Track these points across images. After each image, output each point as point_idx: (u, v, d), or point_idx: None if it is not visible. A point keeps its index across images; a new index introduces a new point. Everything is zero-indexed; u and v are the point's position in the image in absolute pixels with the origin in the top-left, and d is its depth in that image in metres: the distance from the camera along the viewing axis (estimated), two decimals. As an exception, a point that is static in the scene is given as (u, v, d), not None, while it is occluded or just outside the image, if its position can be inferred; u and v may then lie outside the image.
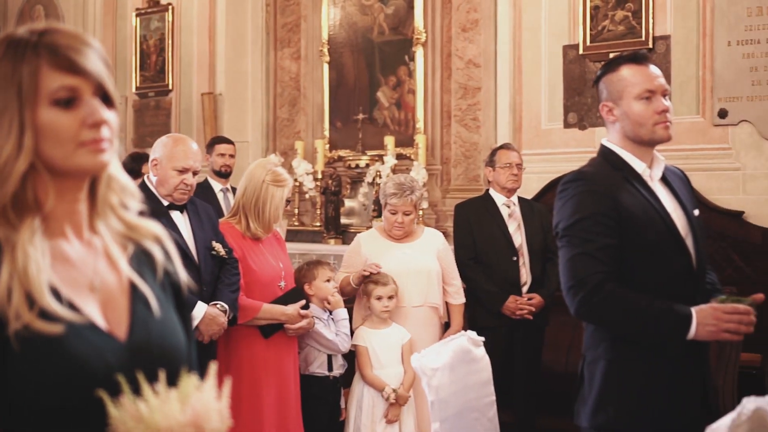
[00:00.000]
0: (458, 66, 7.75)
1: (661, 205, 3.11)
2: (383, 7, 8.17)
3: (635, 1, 6.85)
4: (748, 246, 6.37)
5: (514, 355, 5.71)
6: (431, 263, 5.33)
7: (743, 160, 6.48)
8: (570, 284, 3.02)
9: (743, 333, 2.98)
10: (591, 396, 3.12)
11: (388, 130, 8.09)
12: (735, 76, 6.48)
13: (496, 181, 5.79)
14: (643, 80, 3.16)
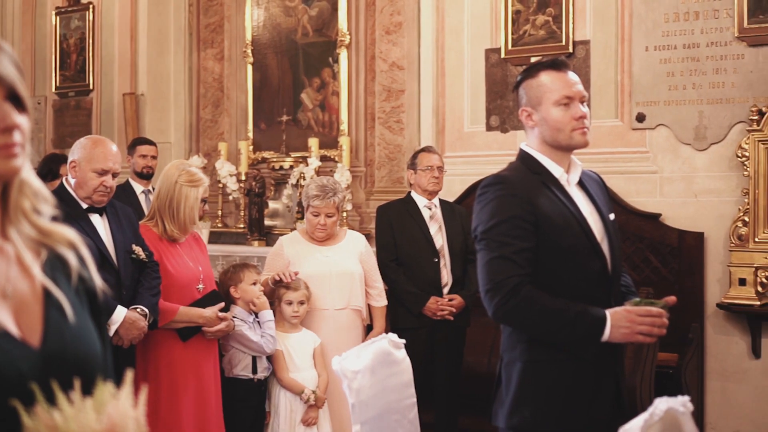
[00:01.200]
0: (382, 68, 7.77)
1: (578, 210, 3.16)
2: (307, 9, 8.16)
3: (556, 6, 6.94)
4: (665, 248, 6.50)
5: (435, 355, 5.76)
6: (354, 266, 5.36)
7: (660, 164, 6.60)
8: (487, 287, 3.06)
9: (656, 335, 3.04)
10: (508, 397, 3.16)
11: (312, 132, 8.08)
12: (652, 81, 6.61)
13: (417, 184, 5.84)
14: (561, 86, 3.21)
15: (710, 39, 6.43)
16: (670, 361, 6.12)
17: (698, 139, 6.47)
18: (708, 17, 6.44)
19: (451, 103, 7.43)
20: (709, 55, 6.43)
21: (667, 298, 3.14)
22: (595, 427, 3.11)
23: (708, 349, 6.41)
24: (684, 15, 6.52)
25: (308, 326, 5.22)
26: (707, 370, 6.42)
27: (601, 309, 3.03)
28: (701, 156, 6.46)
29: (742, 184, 6.22)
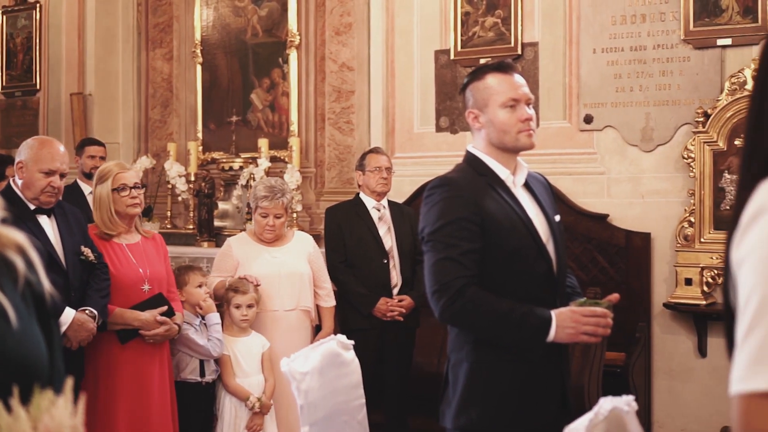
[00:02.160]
0: (332, 69, 7.76)
1: (524, 211, 3.19)
2: (257, 9, 8.13)
3: (504, 8, 6.97)
4: (612, 248, 6.56)
5: (385, 356, 5.77)
6: (302, 267, 5.36)
7: (608, 165, 6.66)
8: (434, 289, 3.07)
9: (601, 335, 3.08)
10: (455, 398, 3.18)
11: (262, 133, 8.05)
12: (600, 83, 6.67)
13: (366, 185, 5.85)
14: (507, 89, 3.23)
15: (657, 41, 6.50)
16: (618, 360, 6.17)
17: (645, 140, 6.53)
18: (654, 20, 6.51)
19: (400, 104, 7.44)
20: (655, 58, 6.50)
21: (610, 297, 3.17)
22: (541, 427, 3.14)
23: (655, 348, 6.48)
24: (631, 18, 6.59)
25: (257, 328, 5.20)
26: (654, 369, 6.49)
27: (547, 310, 3.06)
28: (648, 157, 6.53)
29: (688, 185, 6.30)
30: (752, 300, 1.60)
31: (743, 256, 1.65)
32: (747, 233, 1.65)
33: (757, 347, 1.57)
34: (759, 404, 1.55)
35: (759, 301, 1.59)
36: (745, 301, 1.62)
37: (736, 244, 1.67)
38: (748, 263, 1.63)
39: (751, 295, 1.60)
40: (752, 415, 1.55)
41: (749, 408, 1.56)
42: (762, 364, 1.56)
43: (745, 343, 1.59)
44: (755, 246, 1.63)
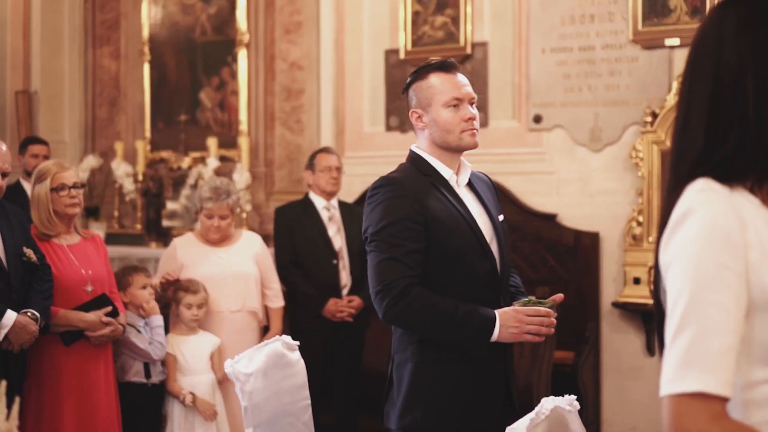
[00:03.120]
0: (282, 68, 7.72)
1: (467, 211, 3.19)
2: (206, 7, 8.06)
3: (454, 7, 6.97)
4: (562, 247, 6.58)
5: (334, 357, 5.76)
6: (249, 267, 5.32)
7: (557, 165, 6.68)
8: (377, 289, 3.06)
9: (545, 334, 3.08)
10: (399, 398, 3.18)
11: (211, 132, 7.99)
12: (549, 83, 6.68)
13: (315, 185, 5.82)
14: (450, 88, 3.23)
15: (605, 42, 6.53)
16: (567, 359, 6.20)
17: (593, 140, 6.56)
18: (603, 20, 6.54)
19: (350, 104, 7.42)
20: (604, 58, 6.53)
21: (554, 297, 3.18)
22: (486, 426, 3.14)
23: (604, 347, 6.51)
24: (580, 18, 6.61)
25: (203, 329, 5.16)
26: (603, 368, 6.52)
27: (491, 309, 3.07)
28: (596, 157, 6.56)
29: (636, 184, 6.34)
30: (680, 302, 1.62)
31: (671, 257, 1.67)
32: (674, 235, 1.67)
33: (685, 349, 1.59)
34: (688, 405, 1.57)
35: (687, 303, 1.61)
36: (673, 303, 1.63)
37: (664, 245, 1.69)
38: (676, 265, 1.65)
39: (679, 297, 1.62)
40: (682, 416, 1.58)
41: (679, 409, 1.58)
42: (691, 365, 1.58)
43: (673, 344, 1.60)
44: (682, 248, 1.65)
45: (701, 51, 1.77)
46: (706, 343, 1.57)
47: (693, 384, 1.57)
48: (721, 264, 1.61)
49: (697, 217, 1.64)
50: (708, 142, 1.72)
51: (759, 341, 1.65)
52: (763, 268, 1.64)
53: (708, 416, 1.56)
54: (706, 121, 1.73)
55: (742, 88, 1.70)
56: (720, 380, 1.56)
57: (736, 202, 1.68)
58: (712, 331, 1.58)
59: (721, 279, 1.60)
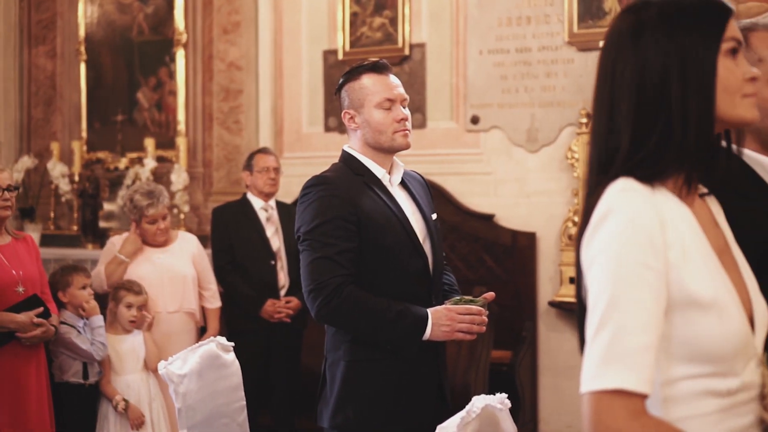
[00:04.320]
0: (220, 68, 7.68)
1: (400, 209, 3.21)
2: (143, 7, 7.98)
3: (392, 8, 6.99)
4: (499, 247, 6.62)
5: (272, 358, 5.75)
6: (186, 268, 5.30)
7: (494, 165, 6.72)
8: (310, 288, 3.07)
9: (476, 332, 3.11)
10: (332, 397, 3.19)
11: (148, 132, 7.91)
12: (486, 84, 6.73)
13: (253, 185, 5.81)
14: (383, 89, 3.25)
15: (542, 43, 6.59)
16: (504, 358, 6.25)
17: (530, 141, 6.62)
18: (540, 22, 6.60)
19: (289, 104, 7.40)
20: (540, 60, 6.59)
21: (485, 295, 3.21)
22: (418, 425, 3.15)
23: (541, 346, 6.57)
24: (517, 20, 6.66)
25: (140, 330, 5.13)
26: (540, 367, 6.57)
27: (423, 308, 3.08)
28: (533, 158, 6.61)
29: (572, 185, 6.40)
30: (601, 300, 1.64)
31: (592, 256, 1.69)
32: (596, 234, 1.69)
33: (605, 346, 1.61)
34: (608, 402, 1.59)
35: (607, 301, 1.63)
36: (594, 301, 1.66)
37: (586, 244, 1.71)
38: (597, 263, 1.67)
39: (600, 295, 1.64)
40: (602, 413, 1.59)
41: (599, 406, 1.60)
42: (611, 362, 1.60)
43: (594, 342, 1.62)
44: (603, 247, 1.67)
45: (613, 54, 1.80)
46: (625, 340, 1.60)
47: (612, 381, 1.59)
48: (642, 263, 1.63)
49: (618, 216, 1.67)
50: (628, 142, 1.74)
51: (678, 339, 1.68)
52: (683, 267, 1.67)
53: (627, 413, 1.58)
54: (626, 122, 1.75)
55: (662, 88, 1.73)
56: (639, 377, 1.59)
57: (657, 201, 1.70)
58: (631, 328, 1.60)
59: (641, 277, 1.63)
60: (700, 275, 1.69)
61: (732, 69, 1.76)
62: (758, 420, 1.72)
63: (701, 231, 1.76)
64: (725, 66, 1.75)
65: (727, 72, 1.75)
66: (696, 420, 1.70)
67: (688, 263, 1.68)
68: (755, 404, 1.73)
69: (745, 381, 1.72)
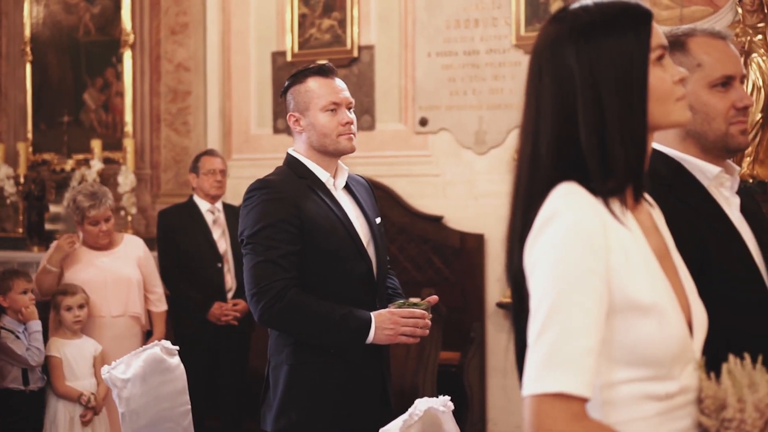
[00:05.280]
0: (168, 69, 7.63)
1: (344, 213, 3.22)
2: (89, 7, 7.90)
3: (341, 10, 6.99)
4: (448, 249, 6.65)
5: (220, 361, 5.72)
6: (131, 271, 5.27)
7: (443, 167, 6.74)
8: (253, 291, 3.07)
9: (420, 336, 3.12)
10: (275, 400, 3.20)
11: (95, 133, 7.83)
12: (435, 86, 6.75)
13: (200, 188, 5.78)
14: (328, 93, 3.26)
15: (489, 46, 6.63)
16: (453, 360, 6.27)
17: (478, 143, 6.65)
18: (487, 25, 6.63)
19: (237, 106, 7.38)
20: (488, 62, 6.62)
21: (429, 298, 3.23)
22: (362, 428, 3.16)
23: (489, 347, 6.59)
24: (465, 22, 6.69)
25: (85, 334, 5.08)
26: (488, 368, 6.60)
27: (366, 311, 3.09)
28: (481, 160, 6.64)
29: (520, 187, 6.42)
30: (544, 303, 1.64)
31: (536, 259, 1.69)
32: (539, 238, 1.69)
33: (547, 350, 1.61)
34: (549, 405, 1.60)
35: (550, 305, 1.63)
36: (537, 305, 1.66)
37: (529, 248, 1.71)
38: (540, 267, 1.67)
39: (543, 298, 1.65)
40: (543, 416, 1.60)
41: (540, 409, 1.60)
42: (552, 366, 1.60)
43: (536, 345, 1.63)
44: (547, 250, 1.67)
45: (542, 63, 1.80)
46: (567, 344, 1.60)
47: (554, 384, 1.59)
48: (585, 266, 1.64)
49: (562, 219, 1.67)
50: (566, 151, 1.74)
51: (619, 343, 1.69)
52: (624, 271, 1.68)
53: (568, 416, 1.59)
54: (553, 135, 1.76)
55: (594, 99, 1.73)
56: (580, 381, 1.59)
57: (600, 205, 1.71)
58: (573, 332, 1.61)
59: (583, 281, 1.64)
60: (641, 279, 1.70)
61: (662, 77, 1.77)
62: (695, 423, 1.74)
63: (643, 235, 1.78)
64: (655, 75, 1.76)
65: (658, 81, 1.76)
66: (635, 423, 1.71)
67: (630, 267, 1.69)
68: (692, 407, 1.75)
69: (683, 385, 1.74)
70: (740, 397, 1.68)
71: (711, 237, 2.26)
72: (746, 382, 1.71)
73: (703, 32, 2.40)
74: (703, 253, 2.21)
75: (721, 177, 2.37)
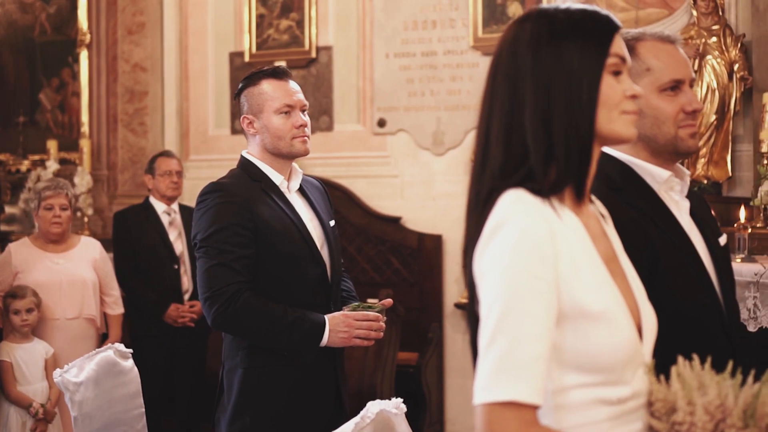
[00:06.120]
0: (124, 69, 7.57)
1: (298, 216, 3.22)
2: (45, 6, 7.83)
3: (299, 10, 6.97)
4: (406, 250, 6.66)
5: (176, 363, 5.70)
6: (87, 273, 5.22)
7: (401, 168, 6.75)
8: (206, 295, 3.06)
9: (374, 338, 3.13)
10: (229, 404, 3.19)
11: (51, 134, 7.76)
12: (393, 87, 6.76)
13: (156, 189, 5.76)
14: (282, 95, 3.26)
15: (447, 47, 6.64)
16: (411, 360, 6.28)
17: (436, 144, 6.66)
18: (445, 26, 6.65)
19: (195, 106, 7.34)
20: (446, 63, 6.64)
21: (384, 301, 3.24)
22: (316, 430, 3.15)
23: (447, 347, 6.61)
24: (422, 23, 6.71)
25: (39, 337, 5.03)
26: (447, 368, 6.62)
27: (321, 314, 3.09)
28: (439, 161, 6.66)
29: (477, 188, 6.45)
30: (493, 311, 1.64)
31: (485, 267, 1.69)
32: (489, 245, 1.69)
33: (498, 358, 1.61)
34: (500, 413, 1.60)
35: (499, 312, 1.63)
36: (487, 312, 1.66)
37: (479, 256, 1.71)
38: (490, 275, 1.67)
39: (492, 306, 1.65)
40: (494, 424, 1.60)
41: (491, 417, 1.60)
42: (503, 374, 1.60)
43: (486, 353, 1.63)
44: (496, 258, 1.67)
45: (500, 64, 1.81)
46: (517, 351, 1.60)
47: (504, 392, 1.59)
48: (533, 274, 1.65)
49: (510, 228, 1.67)
50: (514, 154, 1.75)
51: (569, 349, 1.70)
52: (573, 278, 1.69)
53: (519, 423, 1.59)
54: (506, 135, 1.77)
55: (547, 101, 1.74)
56: (530, 388, 1.60)
57: (548, 212, 1.72)
58: (523, 339, 1.61)
59: (532, 288, 1.64)
60: (589, 286, 1.71)
61: (613, 85, 1.79)
62: (646, 427, 1.75)
63: (590, 241, 1.79)
64: (607, 82, 1.77)
65: (608, 88, 1.77)
66: (587, 428, 1.72)
67: (578, 274, 1.70)
68: (644, 411, 1.76)
69: (635, 389, 1.75)
70: (690, 400, 1.69)
71: (660, 241, 2.27)
72: (695, 384, 1.71)
73: (652, 36, 2.42)
74: (653, 257, 2.22)
75: (671, 181, 2.39)
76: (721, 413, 1.68)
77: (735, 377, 1.72)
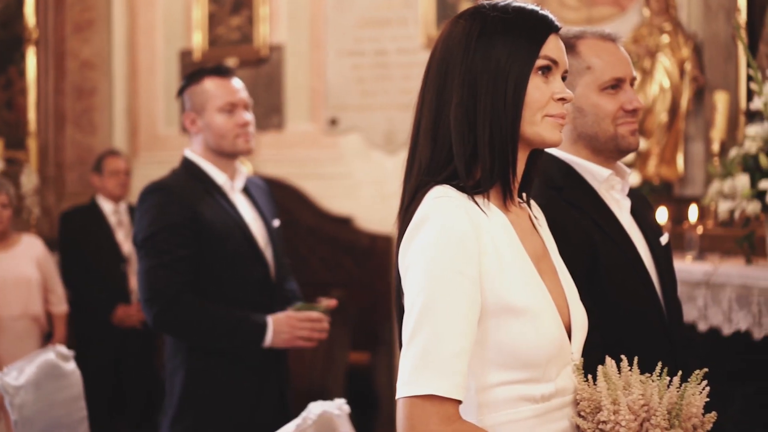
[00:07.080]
0: (73, 67, 7.46)
1: (241, 216, 3.20)
2: (-9, 2, 7.71)
3: (250, 8, 6.92)
4: (358, 250, 6.63)
5: (124, 364, 5.64)
6: (30, 271, 5.18)
7: (352, 167, 6.73)
8: (147, 296, 3.03)
9: (317, 339, 3.10)
10: (171, 406, 3.15)
11: (-3, 132, 7.65)
12: (344, 86, 6.73)
13: (103, 188, 5.71)
14: (225, 93, 3.23)
15: (399, 46, 6.63)
16: (363, 360, 6.27)
17: (388, 143, 6.65)
18: (397, 25, 6.63)
19: (144, 104, 7.27)
20: (397, 62, 6.63)
21: (328, 302, 3.22)
22: (259, 431, 3.13)
23: (398, 348, 6.57)
24: (375, 22, 6.68)
25: (-18, 337, 4.96)
26: (398, 369, 6.59)
27: (263, 315, 3.06)
28: (391, 160, 6.64)
29: (429, 187, 6.44)
30: (416, 306, 1.64)
31: (409, 262, 1.69)
32: (412, 241, 1.69)
33: (419, 352, 1.62)
34: (421, 408, 1.61)
35: (421, 308, 1.63)
36: (409, 308, 1.66)
37: (403, 251, 1.71)
38: (413, 270, 1.68)
39: (415, 301, 1.65)
40: (415, 419, 1.61)
41: (412, 411, 1.61)
42: (424, 368, 1.60)
43: (409, 348, 1.63)
44: (419, 253, 1.67)
45: (433, 60, 1.80)
46: (439, 346, 1.61)
47: (425, 387, 1.60)
48: (456, 270, 1.65)
49: (433, 223, 1.67)
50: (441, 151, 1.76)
51: (493, 345, 1.70)
52: (497, 275, 1.69)
53: (440, 418, 1.60)
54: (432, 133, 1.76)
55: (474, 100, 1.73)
56: (452, 383, 1.60)
57: (473, 208, 1.71)
58: (445, 335, 1.61)
59: (455, 284, 1.64)
60: (514, 282, 1.71)
61: (540, 87, 1.77)
62: (572, 425, 1.76)
63: (517, 238, 1.78)
64: (534, 83, 1.75)
65: (535, 89, 1.76)
66: (511, 425, 1.72)
67: (503, 270, 1.70)
68: (570, 409, 1.77)
69: (560, 386, 1.76)
70: (615, 399, 1.71)
71: (601, 240, 2.27)
72: (621, 384, 1.73)
73: (593, 34, 2.41)
74: (593, 257, 2.22)
75: (612, 179, 2.38)
76: (645, 413, 1.69)
77: (662, 377, 1.73)
